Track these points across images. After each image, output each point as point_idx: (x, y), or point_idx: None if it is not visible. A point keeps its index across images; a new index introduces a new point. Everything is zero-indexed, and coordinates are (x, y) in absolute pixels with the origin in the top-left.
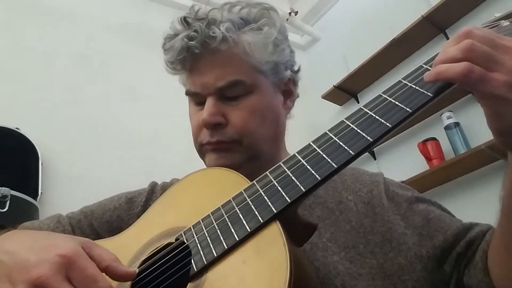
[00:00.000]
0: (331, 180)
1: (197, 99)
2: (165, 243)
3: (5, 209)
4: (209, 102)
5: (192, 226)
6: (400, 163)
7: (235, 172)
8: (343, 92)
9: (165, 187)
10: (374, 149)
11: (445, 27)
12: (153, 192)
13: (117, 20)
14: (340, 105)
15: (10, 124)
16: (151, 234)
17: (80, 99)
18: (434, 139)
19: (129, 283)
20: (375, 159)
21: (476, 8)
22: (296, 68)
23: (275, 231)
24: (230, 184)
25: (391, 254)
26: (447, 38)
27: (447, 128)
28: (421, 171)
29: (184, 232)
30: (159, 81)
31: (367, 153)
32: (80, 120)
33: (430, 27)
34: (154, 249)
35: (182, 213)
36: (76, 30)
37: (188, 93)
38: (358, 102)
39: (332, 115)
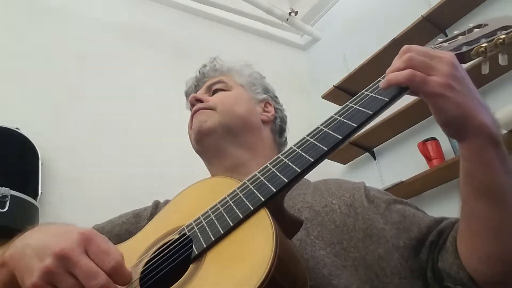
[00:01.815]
0: (318, 189)
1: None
2: (170, 239)
3: (5, 209)
4: (199, 92)
5: (193, 221)
6: (400, 163)
7: (231, 177)
8: (343, 92)
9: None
10: (374, 149)
11: (445, 27)
12: (157, 208)
13: (117, 20)
14: (340, 105)
15: (10, 124)
16: (157, 235)
17: (80, 99)
18: (434, 139)
19: (139, 271)
20: (375, 159)
21: (476, 8)
22: (272, 94)
23: (263, 215)
24: (226, 187)
25: (372, 247)
26: None
27: None
28: (421, 171)
29: (186, 226)
30: (159, 81)
31: (367, 153)
32: (80, 120)
33: (430, 27)
34: (160, 246)
35: (185, 215)
36: (76, 30)
37: (186, 94)
38: None
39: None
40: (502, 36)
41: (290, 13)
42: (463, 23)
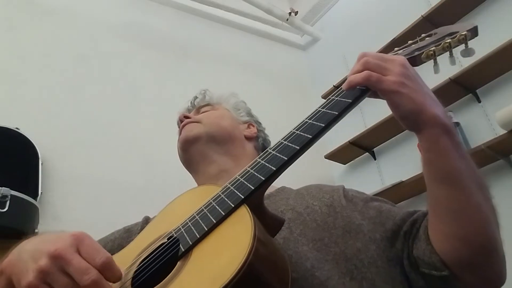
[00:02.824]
0: (300, 193)
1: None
2: (159, 243)
3: (5, 209)
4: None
5: (180, 224)
6: (400, 163)
7: (217, 184)
8: None
9: None
10: (374, 149)
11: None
12: (147, 223)
13: (117, 20)
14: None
15: (10, 124)
16: (147, 241)
17: (80, 99)
18: None
19: (131, 273)
20: (375, 159)
21: (476, 8)
22: (255, 118)
23: (244, 211)
24: (212, 193)
25: (351, 241)
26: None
27: None
28: (421, 171)
29: (173, 230)
30: (158, 81)
31: (367, 153)
32: (80, 120)
33: (430, 27)
34: (151, 250)
35: (173, 221)
36: (76, 30)
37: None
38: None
39: None
40: (448, 40)
41: (290, 13)
42: (463, 22)
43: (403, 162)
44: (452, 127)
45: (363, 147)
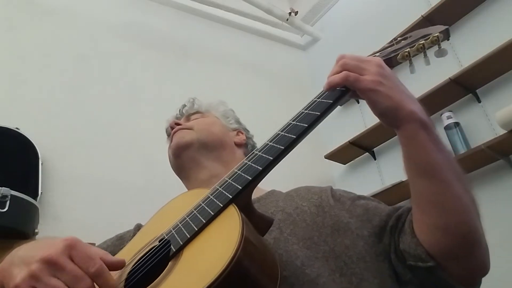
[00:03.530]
0: (289, 195)
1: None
2: (151, 246)
3: (5, 209)
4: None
5: (171, 226)
6: (400, 163)
7: (207, 188)
8: None
9: None
10: (374, 149)
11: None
12: (139, 229)
13: (117, 20)
14: (341, 105)
15: (10, 124)
16: (140, 245)
17: (80, 99)
18: None
19: (125, 275)
20: (375, 159)
21: (476, 8)
22: (243, 126)
23: (232, 210)
24: (202, 196)
25: (339, 239)
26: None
27: (447, 128)
28: None
29: (165, 232)
30: (158, 81)
31: (367, 153)
32: (80, 120)
33: (430, 27)
34: (144, 253)
35: (165, 225)
36: (76, 30)
37: (166, 131)
38: (358, 102)
39: (332, 114)
40: (422, 42)
41: (290, 13)
42: (463, 23)
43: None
44: (429, 122)
45: (363, 147)
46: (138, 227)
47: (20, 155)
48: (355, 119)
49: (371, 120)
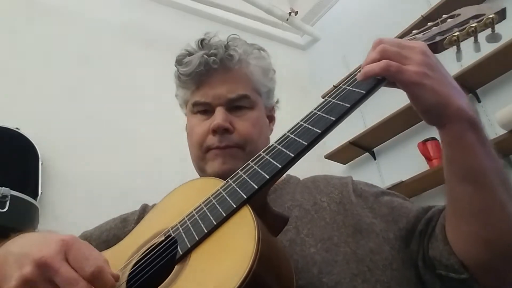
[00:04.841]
0: (306, 187)
1: (205, 109)
2: (156, 241)
3: (5, 209)
4: (220, 111)
5: (178, 222)
6: (400, 163)
7: (215, 178)
8: None
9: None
10: (374, 149)
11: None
12: (145, 211)
13: (117, 20)
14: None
15: (10, 124)
16: (144, 238)
17: (80, 99)
18: (434, 139)
19: (126, 273)
20: (375, 159)
21: None
22: (275, 99)
23: (246, 212)
24: (211, 187)
25: (362, 241)
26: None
27: None
28: (421, 171)
29: (171, 228)
30: (158, 81)
31: (367, 153)
32: (80, 120)
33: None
34: (146, 248)
35: (170, 217)
36: (76, 30)
37: (197, 103)
38: None
39: None
40: (474, 24)
41: (290, 13)
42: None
43: (403, 162)
44: (478, 121)
45: (363, 147)
46: (144, 209)
47: (20, 155)
48: (355, 119)
49: (371, 120)
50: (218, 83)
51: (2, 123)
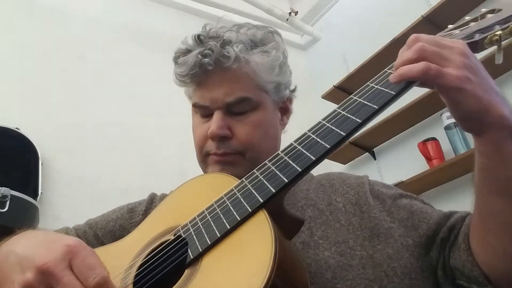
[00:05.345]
0: (321, 185)
1: (204, 111)
2: (164, 240)
3: (5, 209)
4: (217, 116)
5: (189, 221)
6: (400, 163)
7: (227, 174)
8: (343, 92)
9: (164, 197)
10: (374, 149)
11: (445, 27)
12: (153, 202)
13: (117, 20)
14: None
15: (10, 124)
16: (152, 235)
17: (80, 99)
18: (434, 139)
19: (132, 274)
20: (375, 159)
21: (476, 8)
22: (292, 87)
23: (262, 218)
24: (223, 185)
25: (380, 246)
26: None
27: (447, 128)
28: (421, 171)
29: (181, 227)
30: (158, 81)
31: (367, 153)
32: (80, 120)
33: (430, 27)
34: (155, 247)
35: (180, 214)
36: (76, 30)
37: (196, 105)
38: None
39: None
40: None
41: (290, 13)
42: None
43: (403, 162)
44: None
45: (363, 147)
46: (152, 199)
47: (20, 155)
48: None
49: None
50: (216, 85)
51: (2, 123)
